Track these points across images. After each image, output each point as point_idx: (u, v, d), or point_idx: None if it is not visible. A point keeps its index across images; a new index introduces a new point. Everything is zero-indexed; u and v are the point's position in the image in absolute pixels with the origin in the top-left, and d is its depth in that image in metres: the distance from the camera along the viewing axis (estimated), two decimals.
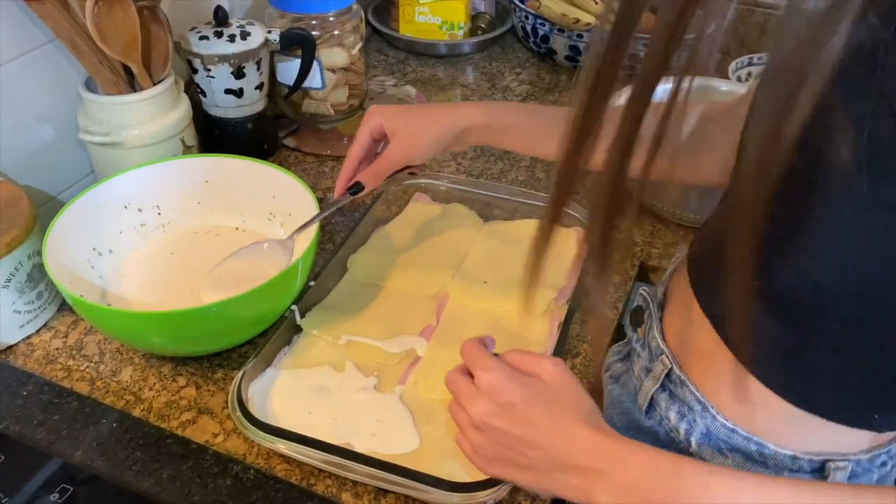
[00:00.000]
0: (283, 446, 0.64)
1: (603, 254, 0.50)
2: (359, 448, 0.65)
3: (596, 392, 0.76)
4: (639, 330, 0.69)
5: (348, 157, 0.78)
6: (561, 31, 1.27)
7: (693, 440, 0.61)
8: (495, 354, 0.58)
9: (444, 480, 0.61)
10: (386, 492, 0.65)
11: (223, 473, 0.62)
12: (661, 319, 0.66)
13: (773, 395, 0.54)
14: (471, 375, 0.56)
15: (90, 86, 0.87)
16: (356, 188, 0.77)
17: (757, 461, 0.58)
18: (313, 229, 0.76)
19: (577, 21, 1.23)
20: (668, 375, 0.63)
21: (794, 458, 0.56)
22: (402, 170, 0.79)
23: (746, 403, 0.56)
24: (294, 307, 0.77)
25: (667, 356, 0.63)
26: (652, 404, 0.65)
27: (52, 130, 0.89)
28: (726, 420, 0.58)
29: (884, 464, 0.58)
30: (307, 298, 0.79)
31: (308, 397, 0.71)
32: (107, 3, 0.78)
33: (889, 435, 0.57)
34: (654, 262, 0.91)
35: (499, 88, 1.27)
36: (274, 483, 0.62)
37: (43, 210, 0.87)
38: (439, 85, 1.29)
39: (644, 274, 0.92)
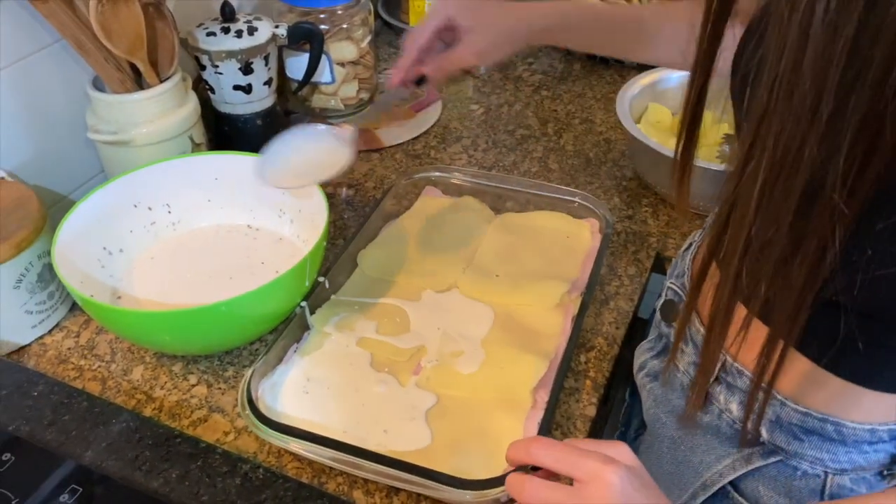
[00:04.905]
0: (293, 444, 0.63)
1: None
2: (370, 445, 0.64)
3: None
4: (674, 324, 0.66)
5: (409, 47, 0.72)
6: None
7: (763, 430, 0.58)
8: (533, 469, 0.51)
9: (456, 478, 0.60)
10: (398, 489, 0.64)
11: (232, 473, 0.62)
12: (698, 311, 0.62)
13: (835, 376, 0.52)
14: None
15: (97, 85, 0.87)
16: (422, 80, 0.72)
17: (836, 440, 0.55)
18: (321, 227, 0.75)
19: None
20: (722, 367, 0.60)
21: (873, 430, 0.54)
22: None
23: (813, 386, 0.54)
24: (304, 304, 0.76)
25: None
26: (708, 399, 0.62)
27: (60, 130, 0.89)
28: (797, 405, 0.55)
29: None
30: (317, 295, 0.78)
31: (318, 394, 0.70)
32: (111, 1, 0.78)
33: None
34: (670, 253, 0.89)
35: (511, 79, 1.26)
36: (283, 482, 0.61)
37: (53, 210, 0.87)
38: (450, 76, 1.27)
39: (660, 265, 0.90)
